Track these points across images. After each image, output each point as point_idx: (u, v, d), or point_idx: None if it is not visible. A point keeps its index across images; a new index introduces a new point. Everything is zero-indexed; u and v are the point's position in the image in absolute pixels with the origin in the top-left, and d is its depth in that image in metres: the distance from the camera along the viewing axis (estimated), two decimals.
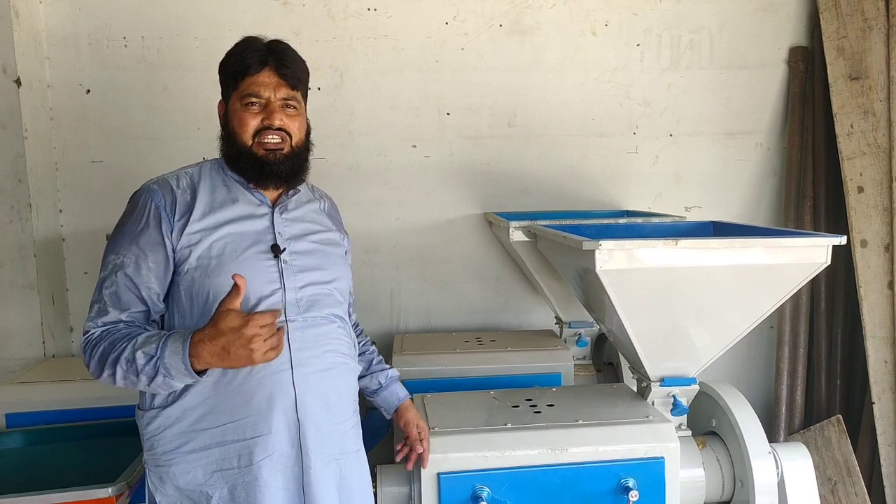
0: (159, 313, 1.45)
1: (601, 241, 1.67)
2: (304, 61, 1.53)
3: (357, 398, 1.65)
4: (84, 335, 1.41)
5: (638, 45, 3.11)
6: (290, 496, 1.44)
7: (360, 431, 1.63)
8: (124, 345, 1.34)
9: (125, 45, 2.84)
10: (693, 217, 3.12)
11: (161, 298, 1.44)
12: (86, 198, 2.89)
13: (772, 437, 3.16)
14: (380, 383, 1.79)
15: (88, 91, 2.85)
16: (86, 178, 2.88)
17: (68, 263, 2.91)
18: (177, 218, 1.43)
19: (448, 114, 3.05)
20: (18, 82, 2.58)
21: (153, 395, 1.45)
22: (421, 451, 1.71)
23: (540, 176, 3.13)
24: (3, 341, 2.66)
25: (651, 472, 1.75)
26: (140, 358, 1.32)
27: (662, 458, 1.77)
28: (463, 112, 3.05)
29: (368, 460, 1.67)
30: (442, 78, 3.02)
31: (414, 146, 3.05)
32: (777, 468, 1.97)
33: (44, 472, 2.00)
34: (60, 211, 2.88)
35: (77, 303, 2.92)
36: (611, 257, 1.69)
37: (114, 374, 1.35)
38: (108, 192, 2.88)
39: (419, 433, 1.73)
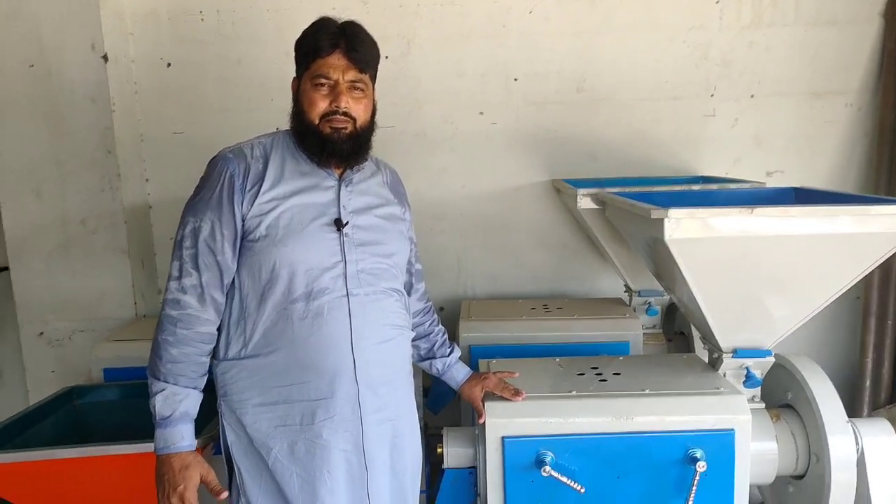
0: (231, 277, 1.53)
1: (670, 210, 1.63)
2: (375, 44, 1.56)
3: (411, 362, 1.72)
4: (167, 292, 1.51)
5: (717, 2, 2.96)
6: (348, 454, 1.55)
7: (413, 394, 1.72)
8: (164, 371, 1.50)
9: (202, 20, 2.94)
10: (775, 182, 2.98)
11: (234, 262, 1.52)
12: (169, 168, 3.04)
13: (854, 413, 3.04)
14: (438, 370, 1.86)
15: (169, 65, 2.97)
16: (169, 148, 3.02)
17: (155, 230, 3.09)
18: (249, 187, 1.50)
19: (515, 79, 3.01)
20: (106, 58, 2.73)
21: (227, 347, 1.55)
22: (510, 397, 1.76)
23: (609, 141, 3.05)
24: (99, 301, 2.87)
25: (720, 444, 1.72)
26: (155, 398, 1.51)
27: (733, 430, 1.73)
28: (530, 77, 3.00)
29: (436, 423, 1.74)
30: (508, 43, 2.98)
31: (480, 113, 3.03)
32: (857, 444, 1.90)
33: (138, 423, 2.15)
34: (147, 180, 3.04)
35: (164, 267, 3.09)
36: (680, 226, 1.64)
37: (151, 361, 1.53)
38: (189, 162, 2.96)
39: (480, 407, 1.77)
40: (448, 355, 1.87)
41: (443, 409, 2.55)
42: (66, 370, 2.86)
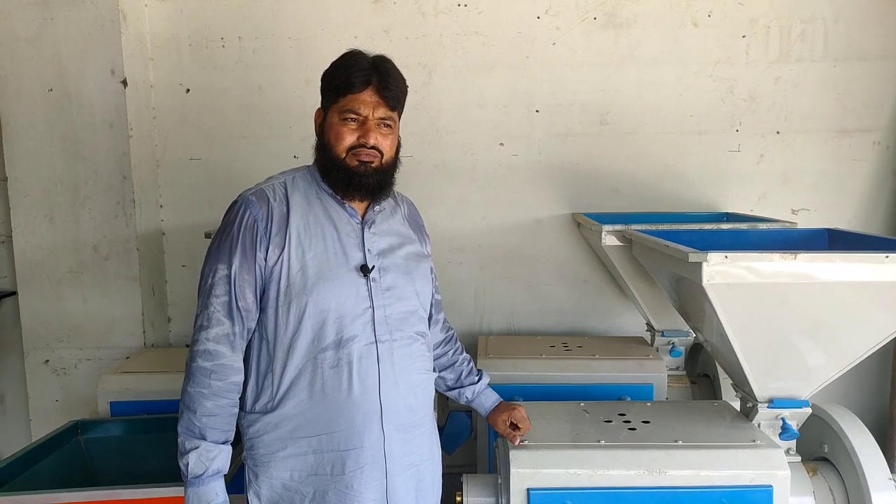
0: (254, 324, 1.49)
1: (709, 254, 1.56)
2: (405, 81, 1.53)
3: (433, 404, 1.66)
4: (196, 343, 1.45)
5: (744, 36, 2.92)
6: (378, 503, 1.49)
7: (437, 434, 1.67)
8: (200, 425, 1.44)
9: (223, 46, 2.92)
10: (802, 221, 2.91)
11: (257, 310, 1.48)
12: (185, 194, 3.00)
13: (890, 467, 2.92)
14: (468, 399, 1.80)
15: (188, 91, 2.95)
16: (185, 174, 2.99)
17: (167, 257, 3.04)
18: (274, 232, 1.45)
19: (537, 111, 2.97)
20: (125, 83, 2.70)
21: (254, 400, 1.50)
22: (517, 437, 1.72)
23: (632, 175, 3.00)
24: (108, 330, 2.81)
25: (758, 501, 1.63)
26: (188, 456, 1.43)
27: (770, 486, 1.64)
28: (553, 109, 2.96)
29: (450, 461, 1.67)
30: (532, 74, 2.94)
31: (501, 144, 2.99)
32: None
33: (145, 462, 2.08)
34: (161, 206, 3.00)
35: (175, 294, 3.05)
36: (719, 271, 1.57)
37: (184, 417, 1.45)
38: (205, 189, 2.98)
39: (511, 431, 1.72)
40: (477, 382, 1.81)
41: (457, 449, 2.47)
42: (70, 399, 2.80)
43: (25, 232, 2.75)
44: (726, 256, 1.55)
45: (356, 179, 1.48)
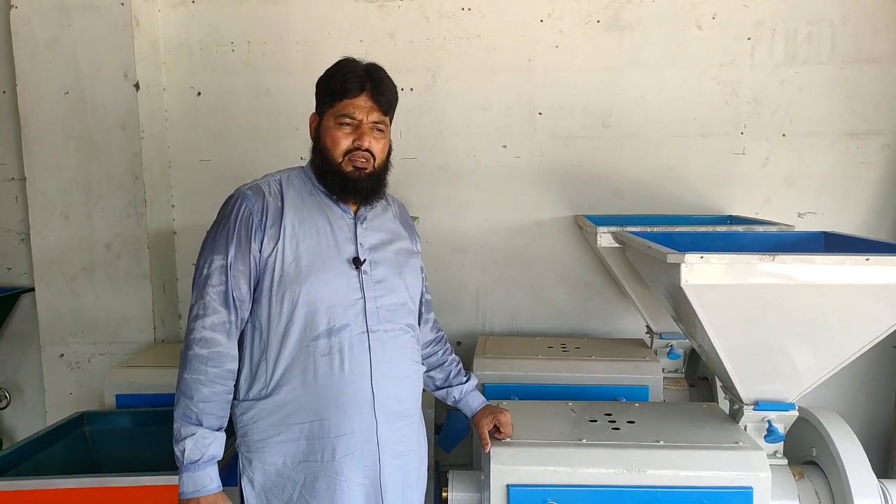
0: (247, 313, 1.54)
1: (686, 254, 1.57)
2: (395, 87, 1.60)
3: (420, 397, 1.71)
4: (192, 332, 1.50)
5: (749, 38, 2.91)
6: (366, 489, 1.56)
7: (424, 429, 1.72)
8: (196, 411, 1.48)
9: (233, 50, 3.00)
10: (807, 225, 2.89)
11: (251, 300, 1.54)
12: (195, 194, 3.09)
13: (889, 470, 2.88)
14: (455, 399, 1.84)
15: (199, 94, 3.04)
16: (195, 175, 3.07)
17: (178, 255, 3.12)
18: (269, 224, 1.52)
19: (540, 114, 2.99)
20: (137, 86, 2.79)
21: (248, 388, 1.55)
22: (489, 445, 1.73)
23: (635, 178, 3.00)
24: (119, 325, 2.90)
25: (737, 503, 1.63)
26: (185, 442, 1.47)
27: (751, 488, 1.64)
28: (555, 112, 2.98)
29: (448, 460, 1.70)
30: (534, 77, 2.97)
31: (504, 146, 3.02)
32: None
33: (148, 453, 2.14)
34: (172, 206, 3.09)
35: (185, 292, 3.13)
36: (698, 271, 1.58)
37: (181, 403, 1.50)
38: (215, 190, 3.00)
39: (487, 437, 1.75)
40: (464, 383, 1.85)
41: (454, 448, 2.49)
42: (83, 393, 2.90)
43: (42, 230, 2.86)
44: (702, 257, 1.56)
45: (351, 185, 1.55)
